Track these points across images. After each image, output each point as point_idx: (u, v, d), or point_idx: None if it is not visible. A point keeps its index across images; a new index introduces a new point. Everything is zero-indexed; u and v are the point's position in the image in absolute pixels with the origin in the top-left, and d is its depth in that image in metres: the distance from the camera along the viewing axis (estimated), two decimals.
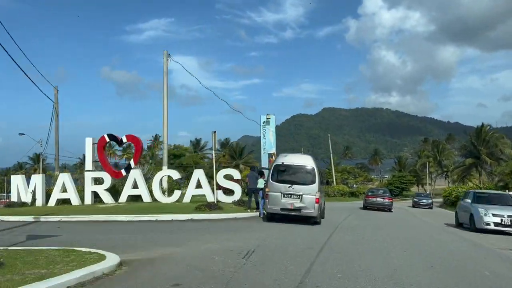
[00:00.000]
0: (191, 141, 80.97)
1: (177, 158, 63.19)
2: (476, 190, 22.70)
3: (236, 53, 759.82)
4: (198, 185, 21.95)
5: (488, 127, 70.79)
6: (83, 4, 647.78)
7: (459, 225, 18.62)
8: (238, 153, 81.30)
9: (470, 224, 16.45)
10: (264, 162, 39.93)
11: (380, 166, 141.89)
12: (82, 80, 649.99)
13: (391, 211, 29.63)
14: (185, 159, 62.54)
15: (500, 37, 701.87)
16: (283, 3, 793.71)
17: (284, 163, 16.00)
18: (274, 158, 29.83)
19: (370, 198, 31.04)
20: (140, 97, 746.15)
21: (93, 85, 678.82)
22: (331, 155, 76.39)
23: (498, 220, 15.23)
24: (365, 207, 30.92)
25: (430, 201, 43.54)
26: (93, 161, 23.03)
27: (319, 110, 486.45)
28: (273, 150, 39.06)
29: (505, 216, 15.19)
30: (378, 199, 30.50)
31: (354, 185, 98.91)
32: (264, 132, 39.63)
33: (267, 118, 39.73)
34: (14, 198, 22.86)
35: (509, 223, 15.14)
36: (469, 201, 17.30)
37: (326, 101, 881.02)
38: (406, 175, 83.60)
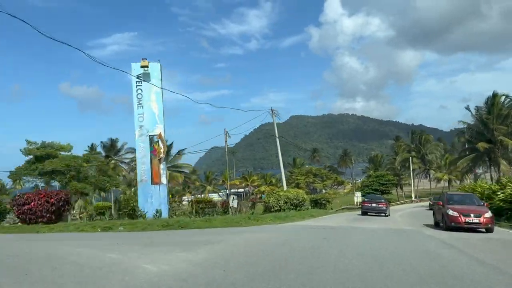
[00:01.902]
0: (101, 142, 56.79)
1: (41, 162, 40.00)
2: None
3: (202, 64, 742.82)
4: None
5: (504, 96, 46.02)
6: (43, 20, 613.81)
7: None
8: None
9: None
10: (138, 150, 20.32)
11: (351, 169, 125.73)
12: (40, 96, 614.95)
13: (388, 216, 30.01)
14: (48, 163, 38.74)
15: (457, 40, 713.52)
16: (247, 15, 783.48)
17: None
18: (161, 146, 20.90)
19: (367, 204, 31.54)
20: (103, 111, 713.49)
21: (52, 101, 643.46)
22: (280, 156, 56.39)
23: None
24: (363, 213, 31.15)
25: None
26: None
27: (287, 118, 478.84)
28: (159, 129, 19.41)
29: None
30: (374, 205, 30.99)
31: (323, 190, 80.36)
32: (139, 96, 20.07)
33: (143, 68, 19.96)
34: None
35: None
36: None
37: (294, 109, 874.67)
38: (385, 174, 65.46)
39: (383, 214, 29.68)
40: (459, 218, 15.98)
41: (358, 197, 53.73)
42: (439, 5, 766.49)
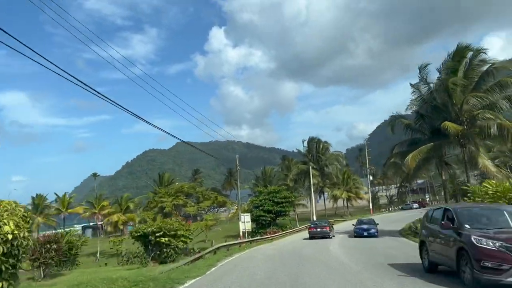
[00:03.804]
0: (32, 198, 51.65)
1: None
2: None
3: (80, 88, 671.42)
4: None
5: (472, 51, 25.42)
6: None
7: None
8: None
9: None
10: None
11: (236, 191, 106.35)
12: None
13: (332, 238, 30.06)
14: None
15: (329, 74, 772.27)
16: (130, 39, 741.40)
17: None
18: None
19: (313, 230, 31.53)
20: None
21: None
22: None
23: None
24: (311, 238, 30.88)
25: None
26: None
27: (173, 144, 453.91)
28: None
29: None
30: (319, 229, 31.02)
31: (201, 216, 58.26)
32: None
33: None
34: None
35: None
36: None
37: (180, 136, 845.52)
38: (280, 190, 46.34)
39: (327, 236, 30.04)
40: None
41: (245, 221, 33.03)
42: (314, 41, 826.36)
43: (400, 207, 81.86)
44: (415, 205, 76.75)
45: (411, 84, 26.94)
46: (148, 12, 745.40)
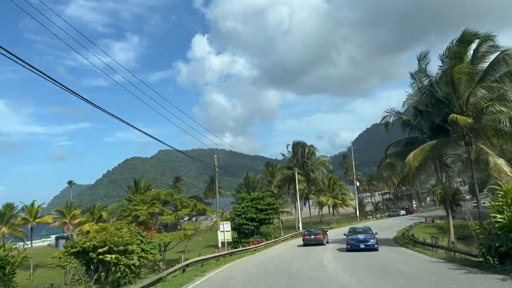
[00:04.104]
0: None
1: None
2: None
3: (60, 95, 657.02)
4: None
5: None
6: None
7: None
8: None
9: None
10: None
11: (220, 200, 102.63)
12: None
13: (325, 244, 30.04)
14: None
15: (312, 82, 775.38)
16: (112, 47, 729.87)
17: None
18: None
19: (307, 237, 31.85)
20: None
21: None
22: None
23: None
24: (305, 244, 31.15)
25: None
26: None
27: (155, 153, 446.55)
28: None
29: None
30: (312, 237, 31.42)
31: (180, 225, 54.17)
32: None
33: None
34: None
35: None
36: None
37: (163, 144, 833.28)
38: (264, 196, 43.03)
39: (320, 243, 30.34)
40: None
41: (225, 230, 29.41)
42: (296, 49, 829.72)
43: (387, 214, 79.31)
44: (402, 212, 74.29)
45: (410, 74, 23.80)
46: (129, 19, 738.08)
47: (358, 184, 73.05)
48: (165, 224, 52.14)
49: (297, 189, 48.00)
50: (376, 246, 22.56)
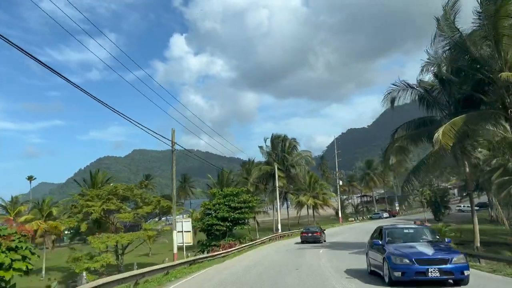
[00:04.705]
0: None
1: None
2: None
3: (32, 92, 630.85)
4: None
5: None
6: None
7: None
8: None
9: None
10: None
11: (192, 201, 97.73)
12: None
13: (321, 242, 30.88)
14: None
15: (290, 86, 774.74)
16: (87, 43, 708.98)
17: None
18: None
19: (305, 235, 32.74)
20: None
21: None
22: None
23: None
24: (302, 242, 32.13)
25: None
26: None
27: (129, 152, 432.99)
28: None
29: None
30: (310, 235, 32.37)
31: (144, 223, 47.03)
32: None
33: None
34: None
35: None
36: None
37: (136, 143, 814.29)
38: (239, 192, 36.76)
39: (318, 241, 31.18)
40: None
41: (183, 231, 22.21)
42: (275, 52, 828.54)
43: (369, 216, 74.55)
44: (385, 214, 69.64)
45: (436, 19, 17.60)
46: (106, 16, 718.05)
47: (341, 183, 67.90)
48: (125, 223, 45.05)
49: (277, 185, 42.03)
50: (467, 275, 9.60)
